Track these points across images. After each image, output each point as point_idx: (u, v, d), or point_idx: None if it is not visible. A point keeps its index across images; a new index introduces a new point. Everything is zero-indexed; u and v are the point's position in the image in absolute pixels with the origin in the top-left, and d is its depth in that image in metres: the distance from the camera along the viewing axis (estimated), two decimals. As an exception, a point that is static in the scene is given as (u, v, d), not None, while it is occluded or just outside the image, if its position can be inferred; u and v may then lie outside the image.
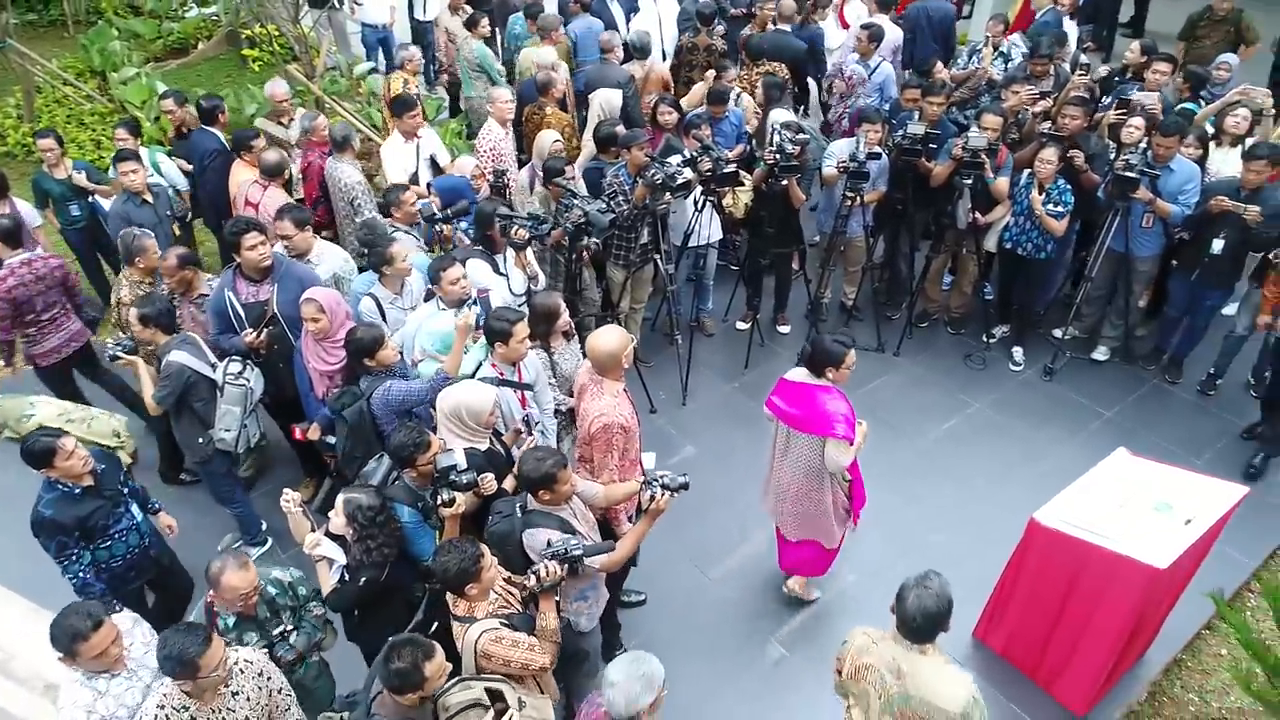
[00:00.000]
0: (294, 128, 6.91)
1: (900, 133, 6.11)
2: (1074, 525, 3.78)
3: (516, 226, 5.05)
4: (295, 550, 4.78)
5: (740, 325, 6.96)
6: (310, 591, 3.67)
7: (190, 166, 6.83)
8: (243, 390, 4.69)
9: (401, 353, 4.60)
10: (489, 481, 3.70)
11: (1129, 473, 4.15)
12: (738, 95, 7.13)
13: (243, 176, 6.20)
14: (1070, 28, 8.31)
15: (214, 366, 4.70)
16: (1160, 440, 5.82)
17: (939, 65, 7.43)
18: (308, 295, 4.54)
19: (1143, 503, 3.94)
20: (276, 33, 10.39)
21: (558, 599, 3.37)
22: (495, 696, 2.99)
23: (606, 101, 6.86)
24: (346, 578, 3.55)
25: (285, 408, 5.13)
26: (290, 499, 3.71)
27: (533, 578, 3.23)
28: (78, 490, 3.87)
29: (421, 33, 10.01)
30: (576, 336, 4.87)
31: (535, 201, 5.96)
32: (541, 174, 5.84)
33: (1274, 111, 6.51)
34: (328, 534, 3.62)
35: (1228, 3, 7.81)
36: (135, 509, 4.16)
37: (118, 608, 3.99)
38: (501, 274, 5.20)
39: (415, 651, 2.85)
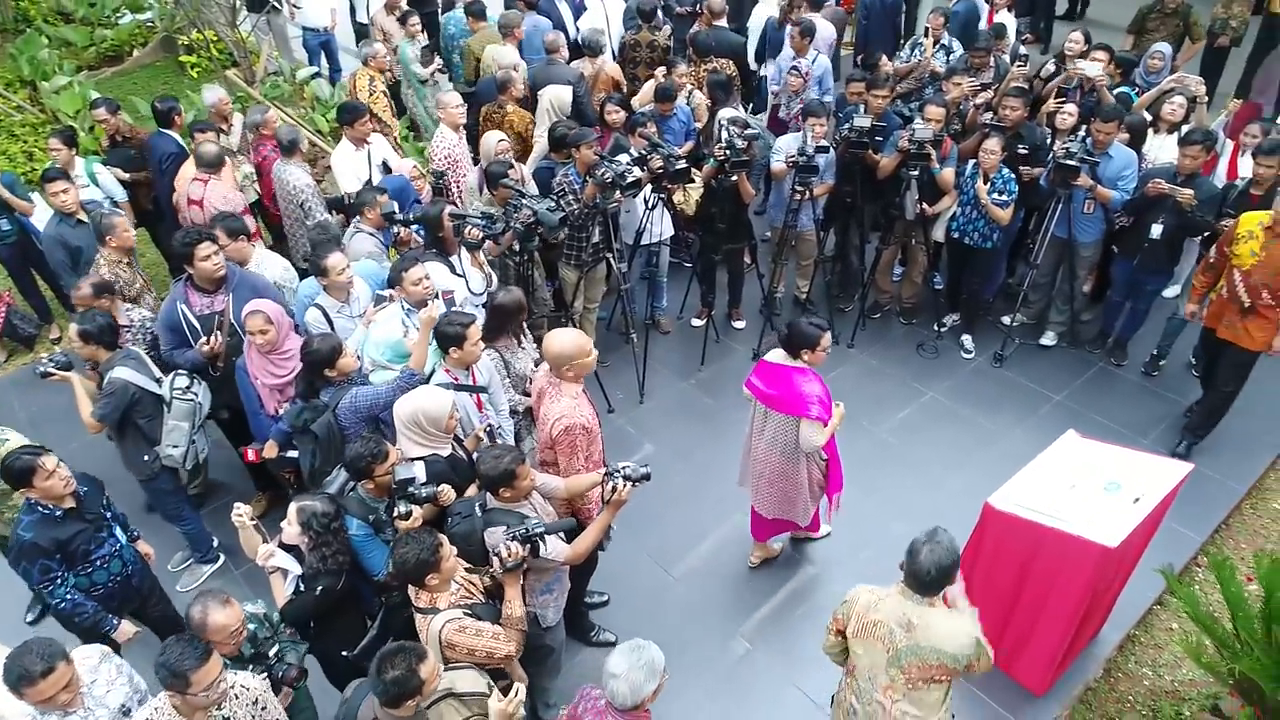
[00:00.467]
0: (234, 133, 6.76)
1: (847, 126, 6.16)
2: (1027, 508, 3.84)
3: (469, 225, 4.99)
4: (248, 566, 4.68)
5: (695, 322, 6.96)
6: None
7: (128, 176, 6.66)
8: (191, 405, 4.57)
9: (360, 358, 4.52)
10: (446, 494, 3.66)
11: (1079, 454, 4.22)
12: (689, 92, 7.15)
13: (191, 173, 6.06)
14: (1009, 20, 8.47)
15: (159, 382, 4.57)
16: (1108, 421, 5.95)
17: (884, 59, 7.51)
18: (254, 307, 4.43)
19: (1093, 483, 4.01)
20: (214, 38, 10.16)
21: (523, 585, 3.37)
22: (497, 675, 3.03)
23: (557, 98, 6.82)
24: (302, 588, 3.47)
25: (238, 422, 4.99)
26: (242, 513, 3.62)
27: (495, 560, 3.25)
28: (59, 513, 3.71)
29: (365, 35, 9.87)
30: (530, 335, 4.83)
31: (483, 204, 5.90)
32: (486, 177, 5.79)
33: (1207, 99, 6.68)
34: (281, 545, 3.54)
35: None
36: (119, 533, 4.00)
37: (115, 622, 3.87)
38: (459, 275, 5.14)
39: (408, 658, 2.81)
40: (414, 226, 5.42)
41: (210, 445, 5.02)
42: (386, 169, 6.42)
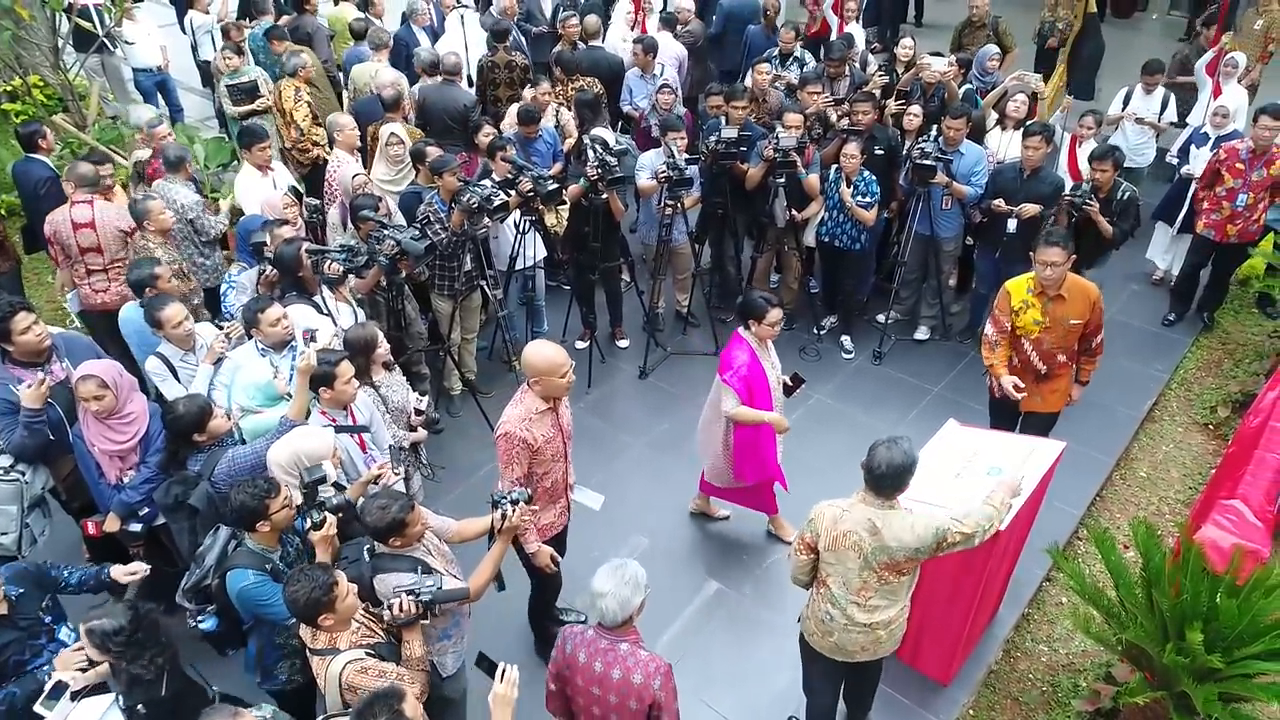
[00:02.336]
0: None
1: (714, 138, 6.19)
2: (915, 499, 3.85)
3: (329, 261, 4.73)
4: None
5: (579, 344, 6.84)
6: None
7: None
8: (15, 487, 4.11)
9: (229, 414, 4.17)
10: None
11: (960, 442, 4.30)
12: (556, 110, 7.08)
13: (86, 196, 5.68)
14: (857, 30, 8.81)
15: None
16: (984, 408, 6.09)
17: (763, 68, 7.68)
18: (85, 372, 4.02)
19: (976, 469, 4.09)
20: (39, 82, 9.43)
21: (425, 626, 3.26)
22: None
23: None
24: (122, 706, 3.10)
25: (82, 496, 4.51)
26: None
27: (387, 612, 3.15)
28: None
29: (210, 74, 9.40)
30: (398, 367, 4.61)
31: (347, 239, 5.63)
32: (349, 211, 5.53)
33: (1047, 95, 7.07)
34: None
35: (980, 6, 8.38)
36: (64, 633, 3.51)
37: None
38: (325, 313, 4.86)
39: (389, 703, 2.62)
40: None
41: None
42: (296, 194, 6.10)
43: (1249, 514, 4.05)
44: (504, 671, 2.92)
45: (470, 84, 8.01)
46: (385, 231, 4.99)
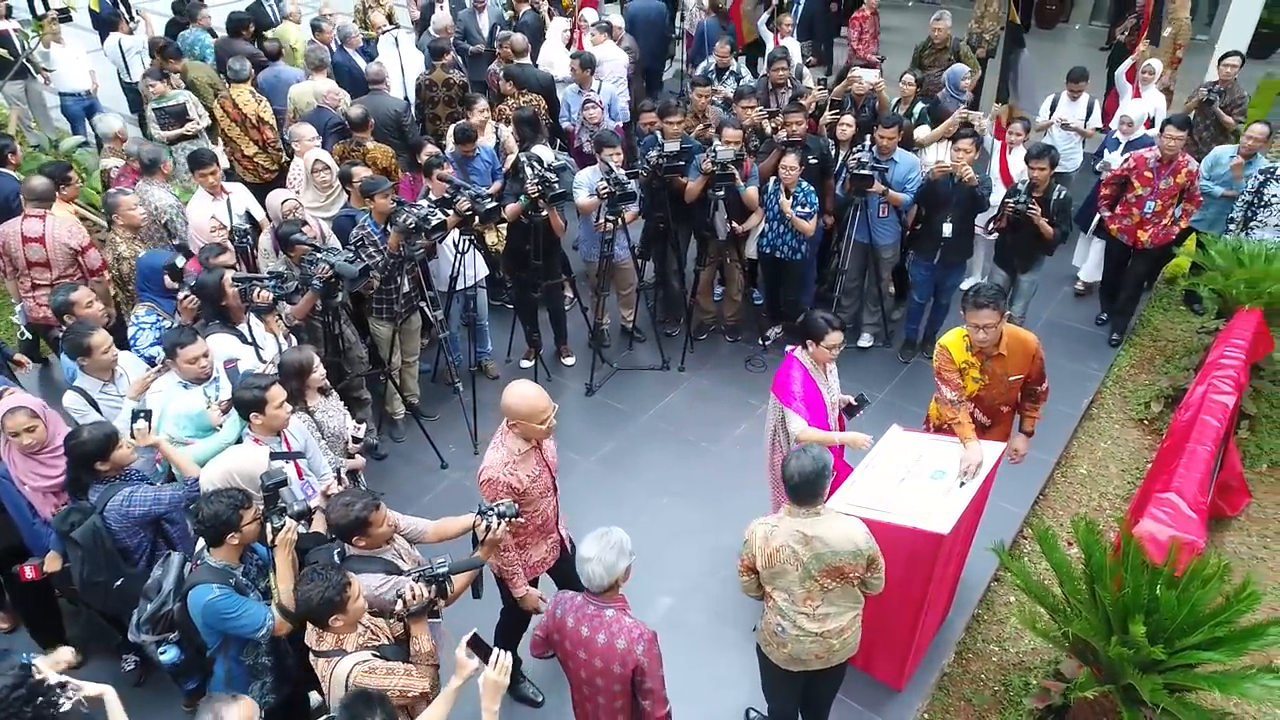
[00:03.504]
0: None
1: (654, 152, 6.18)
2: (862, 507, 3.86)
3: (258, 289, 4.60)
4: None
5: (524, 364, 6.76)
6: None
7: None
8: None
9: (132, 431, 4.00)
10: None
11: (904, 447, 4.33)
12: (495, 128, 7.04)
13: (63, 214, 5.66)
14: (792, 45, 8.94)
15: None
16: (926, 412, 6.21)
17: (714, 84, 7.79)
18: (14, 404, 3.88)
19: (920, 474, 4.12)
20: (-45, 113, 9.10)
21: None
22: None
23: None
24: None
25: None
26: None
27: (399, 602, 3.14)
28: None
29: (137, 97, 9.15)
30: (335, 392, 4.50)
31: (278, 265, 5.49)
32: (278, 239, 5.39)
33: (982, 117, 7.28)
34: None
35: (942, 30, 8.55)
36: None
37: None
38: (250, 343, 4.72)
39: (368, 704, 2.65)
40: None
41: None
42: (251, 219, 5.94)
43: (1184, 506, 4.12)
44: (497, 657, 2.93)
45: (409, 104, 7.95)
46: (318, 255, 4.88)
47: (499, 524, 3.43)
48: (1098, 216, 6.96)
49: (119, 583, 3.74)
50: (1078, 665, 4.04)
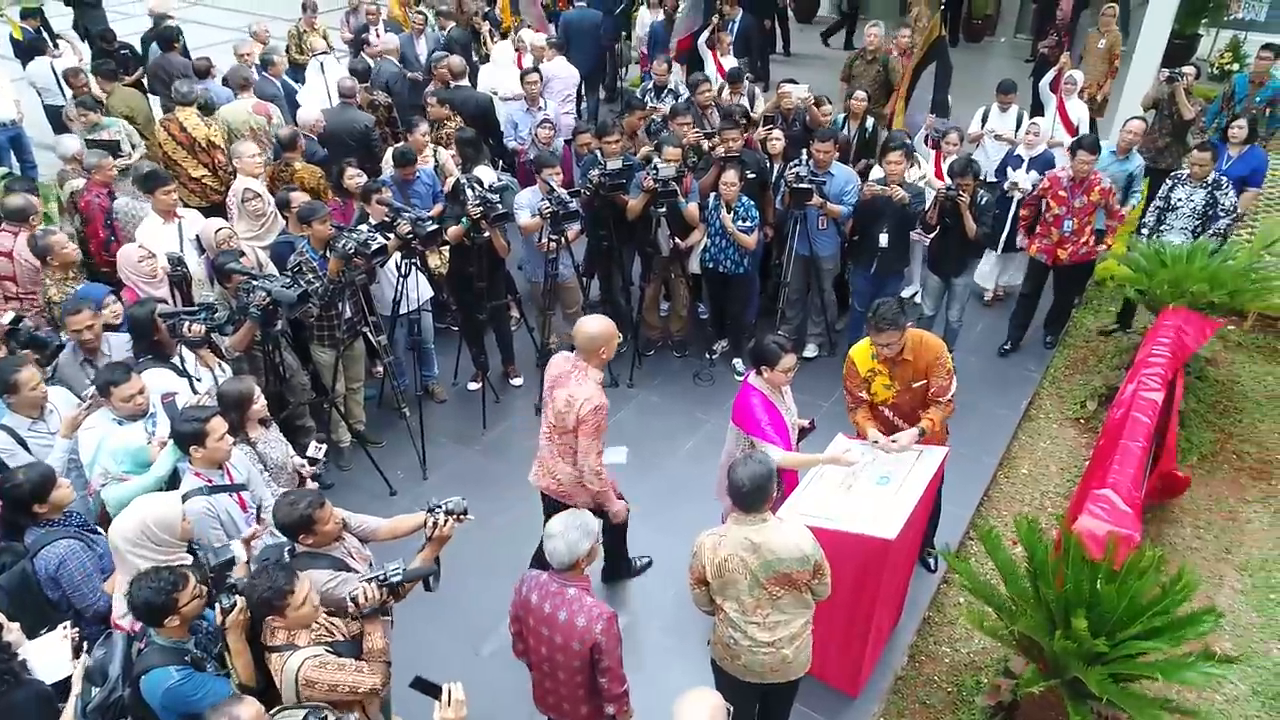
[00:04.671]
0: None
1: (598, 171, 6.21)
2: (809, 515, 3.91)
3: (188, 322, 4.50)
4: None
5: (471, 386, 6.71)
6: None
7: None
8: None
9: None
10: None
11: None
12: (434, 151, 7.01)
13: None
14: (730, 62, 9.08)
15: None
16: (873, 419, 6.32)
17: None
18: None
19: (865, 480, 4.18)
20: None
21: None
22: None
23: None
24: None
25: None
26: None
27: (351, 604, 3.16)
28: None
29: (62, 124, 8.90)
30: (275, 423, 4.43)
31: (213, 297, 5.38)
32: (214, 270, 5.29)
33: (890, 109, 7.49)
34: None
35: (875, 37, 8.75)
36: None
37: None
38: (185, 375, 4.61)
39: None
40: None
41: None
42: (200, 246, 5.79)
43: (1120, 501, 4.25)
44: (449, 693, 2.83)
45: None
46: (255, 283, 4.80)
47: (447, 521, 3.50)
48: (1005, 234, 7.09)
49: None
50: (1025, 662, 4.12)
